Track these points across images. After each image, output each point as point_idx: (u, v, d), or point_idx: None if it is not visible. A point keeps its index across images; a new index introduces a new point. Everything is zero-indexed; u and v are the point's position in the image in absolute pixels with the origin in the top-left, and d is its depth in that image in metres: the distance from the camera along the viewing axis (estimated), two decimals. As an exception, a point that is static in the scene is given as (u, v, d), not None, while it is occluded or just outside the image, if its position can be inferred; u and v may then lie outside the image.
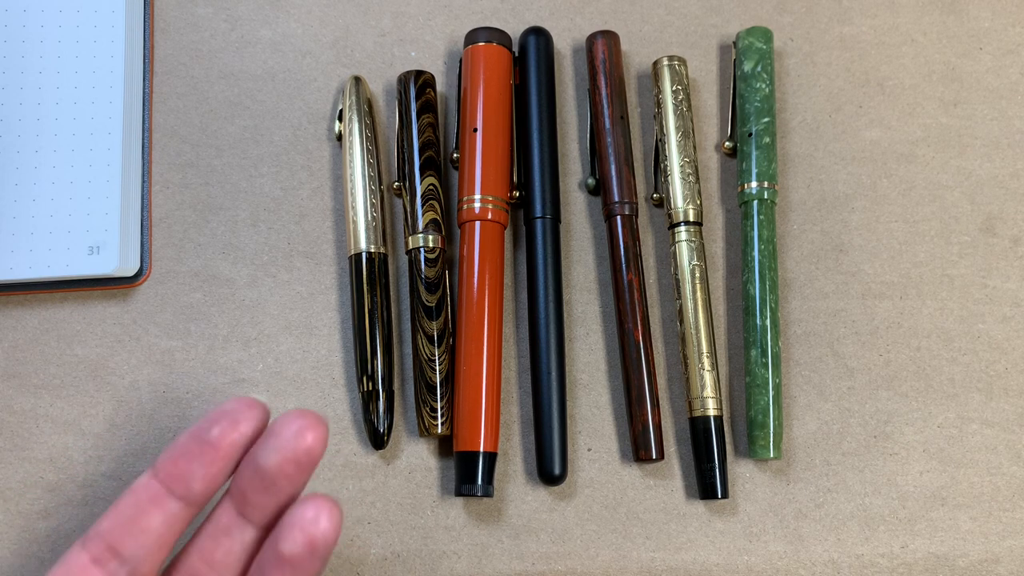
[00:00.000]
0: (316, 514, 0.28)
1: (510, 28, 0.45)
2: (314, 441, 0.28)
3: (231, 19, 0.45)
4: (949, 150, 0.45)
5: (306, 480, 0.29)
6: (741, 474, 0.41)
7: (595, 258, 0.43)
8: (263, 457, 0.28)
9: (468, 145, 0.42)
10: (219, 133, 0.44)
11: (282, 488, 0.29)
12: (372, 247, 0.41)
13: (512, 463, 0.41)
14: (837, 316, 0.43)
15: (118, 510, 0.29)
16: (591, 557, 0.39)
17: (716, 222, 0.44)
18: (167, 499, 0.29)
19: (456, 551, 0.39)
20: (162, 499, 0.29)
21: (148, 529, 0.29)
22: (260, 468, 0.28)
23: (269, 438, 0.29)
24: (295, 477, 0.29)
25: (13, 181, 0.41)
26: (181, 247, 0.42)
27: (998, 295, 0.43)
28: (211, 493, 0.29)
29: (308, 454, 0.28)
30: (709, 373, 0.40)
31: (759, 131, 0.42)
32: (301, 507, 0.28)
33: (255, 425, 0.29)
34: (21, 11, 0.43)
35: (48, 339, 0.41)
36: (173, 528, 0.29)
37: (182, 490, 0.29)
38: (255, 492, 0.29)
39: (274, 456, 0.28)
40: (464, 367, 0.39)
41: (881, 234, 0.44)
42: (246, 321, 0.42)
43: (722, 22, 0.46)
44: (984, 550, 0.40)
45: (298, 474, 0.29)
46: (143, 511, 0.29)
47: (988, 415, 0.42)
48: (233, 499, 0.30)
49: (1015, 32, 0.46)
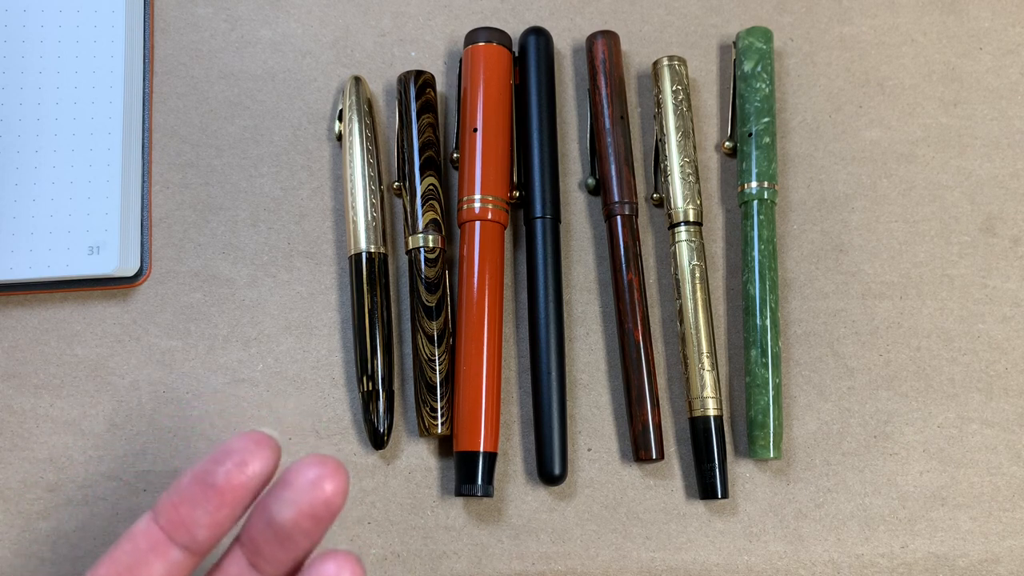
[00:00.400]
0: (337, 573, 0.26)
1: (510, 28, 0.45)
2: (333, 493, 0.26)
3: (231, 19, 0.45)
4: (949, 150, 0.45)
5: (324, 533, 0.27)
6: (741, 474, 0.41)
7: (595, 258, 0.43)
8: (277, 511, 0.26)
9: (468, 145, 0.42)
10: (219, 133, 0.44)
11: (298, 543, 0.27)
12: (372, 247, 0.41)
13: (512, 463, 0.41)
14: (837, 316, 0.43)
15: (115, 557, 0.27)
16: (591, 557, 0.39)
17: (716, 222, 0.44)
18: (169, 547, 0.27)
19: (456, 551, 0.39)
20: (163, 547, 0.27)
21: None
22: (274, 522, 0.26)
23: (283, 489, 0.26)
24: (312, 531, 0.26)
25: (13, 181, 0.41)
26: (181, 247, 0.42)
27: (998, 295, 0.43)
28: (217, 541, 0.27)
29: (327, 507, 0.26)
30: (709, 373, 0.40)
31: (759, 131, 0.42)
32: (321, 565, 0.26)
33: (265, 465, 0.26)
34: (21, 11, 0.43)
35: (48, 339, 0.41)
36: None
37: (185, 538, 0.27)
38: (268, 545, 0.27)
39: (289, 510, 0.26)
40: (464, 367, 0.39)
41: (881, 234, 0.44)
42: (246, 321, 0.42)
43: (722, 22, 0.46)
44: (984, 550, 0.40)
45: (316, 528, 0.26)
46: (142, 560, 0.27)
47: (988, 415, 0.42)
48: (244, 549, 0.27)
49: (1015, 32, 0.46)
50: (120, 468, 0.40)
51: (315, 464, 0.26)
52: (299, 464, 0.26)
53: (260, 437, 0.27)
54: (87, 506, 0.39)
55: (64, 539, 0.39)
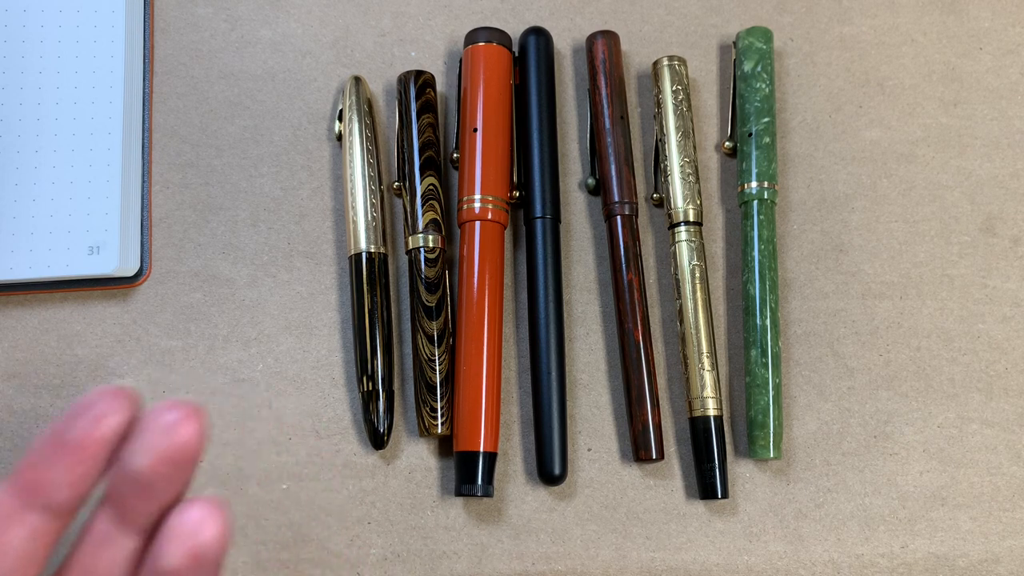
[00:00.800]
0: (199, 522, 0.24)
1: (510, 28, 0.45)
2: (190, 435, 0.25)
3: (231, 19, 0.45)
4: (949, 150, 0.45)
5: (188, 479, 0.26)
6: (741, 474, 0.41)
7: (595, 258, 0.43)
8: (133, 460, 0.25)
9: (468, 145, 0.42)
10: (219, 133, 0.44)
11: (161, 491, 0.25)
12: (372, 247, 0.41)
13: (512, 463, 0.41)
14: (837, 316, 0.43)
15: None
16: (591, 557, 0.39)
17: (716, 222, 0.44)
18: (27, 513, 0.25)
19: (456, 551, 0.39)
20: (21, 513, 0.25)
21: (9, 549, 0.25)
22: (132, 471, 0.25)
23: (139, 437, 0.25)
24: (173, 478, 0.25)
25: (13, 181, 0.41)
26: (181, 247, 0.42)
27: (998, 295, 0.43)
28: (80, 500, 0.26)
29: (184, 451, 0.25)
30: (709, 373, 0.40)
31: (759, 131, 0.42)
32: (181, 514, 0.25)
33: (123, 417, 0.25)
34: (21, 11, 0.43)
35: (48, 339, 0.41)
36: (40, 543, 0.26)
37: (44, 500, 0.25)
38: (131, 497, 0.25)
39: (145, 457, 0.24)
40: (464, 367, 0.39)
41: (881, 234, 0.44)
42: (246, 321, 0.42)
43: (722, 22, 0.46)
44: (984, 550, 0.40)
45: (177, 474, 0.25)
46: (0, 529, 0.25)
47: (988, 415, 0.42)
48: (110, 505, 0.26)
49: (1015, 32, 0.46)
50: (120, 468, 0.40)
51: (170, 408, 0.25)
52: (154, 410, 0.25)
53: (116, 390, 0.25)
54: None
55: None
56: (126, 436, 0.25)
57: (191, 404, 0.25)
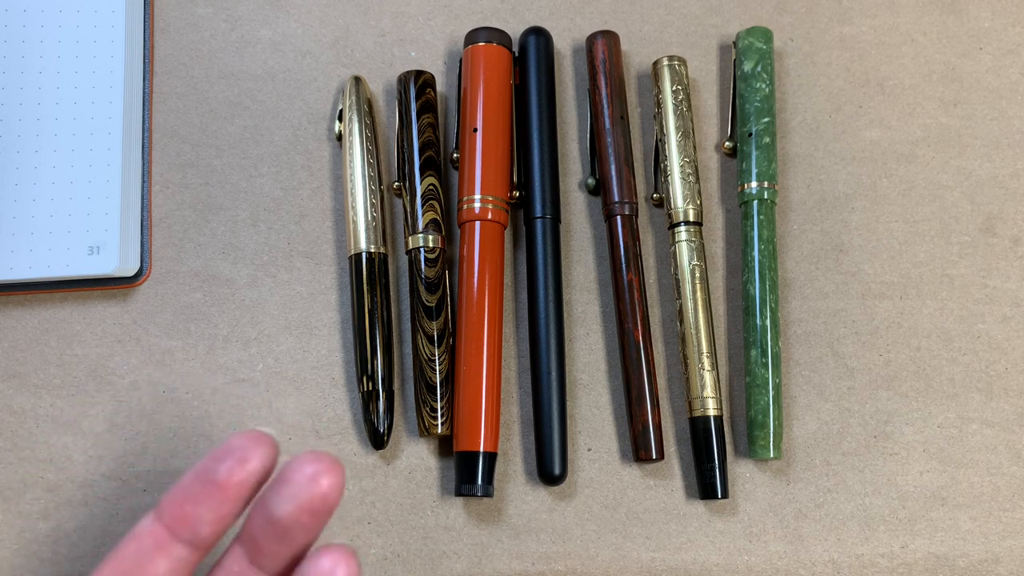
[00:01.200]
0: (333, 567, 0.26)
1: (510, 28, 0.45)
2: (330, 487, 0.26)
3: (231, 19, 0.45)
4: (949, 150, 0.45)
5: (322, 528, 0.28)
6: (741, 474, 0.41)
7: (595, 258, 0.43)
8: (276, 506, 0.27)
9: (468, 145, 0.42)
10: (219, 133, 0.44)
11: (297, 538, 0.27)
12: (372, 247, 0.41)
13: (512, 463, 0.41)
14: (837, 316, 0.43)
15: (120, 556, 0.27)
16: (591, 557, 0.39)
17: (716, 222, 0.44)
18: (173, 544, 0.27)
19: (456, 551, 0.39)
20: (167, 544, 0.27)
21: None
22: (273, 517, 0.27)
23: (282, 485, 0.27)
24: (310, 526, 0.27)
25: (13, 181, 0.41)
26: (181, 247, 0.42)
27: (998, 295, 0.43)
28: (219, 536, 0.28)
29: (324, 501, 0.26)
30: (709, 373, 0.40)
31: (759, 131, 0.42)
32: (317, 559, 0.26)
33: (264, 462, 0.27)
34: (21, 11, 0.43)
35: (48, 339, 0.41)
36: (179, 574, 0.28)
37: (189, 535, 0.27)
38: (268, 541, 0.27)
39: (287, 505, 0.26)
40: (464, 367, 0.39)
41: (881, 234, 0.44)
42: (246, 321, 0.42)
43: (722, 22, 0.46)
44: (984, 550, 0.40)
45: (313, 523, 0.27)
46: (148, 558, 0.27)
47: (988, 415, 0.42)
48: (244, 546, 0.28)
49: (1015, 32, 0.46)
50: (120, 468, 0.40)
51: (312, 460, 0.27)
52: (297, 460, 0.27)
53: (258, 435, 0.27)
54: (87, 506, 0.39)
55: (64, 539, 0.39)
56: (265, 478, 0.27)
57: (331, 457, 0.27)
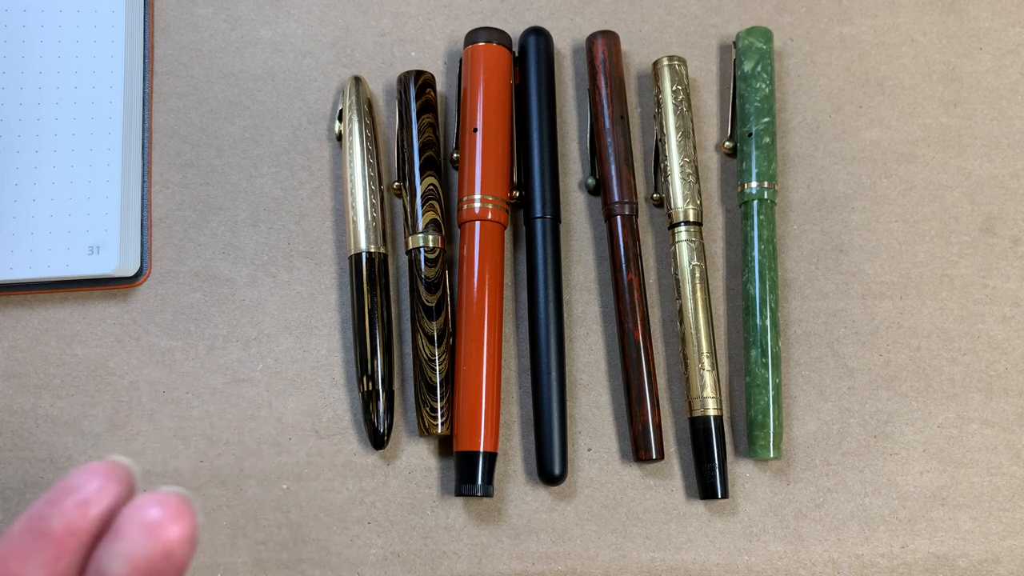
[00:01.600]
0: None
1: (510, 28, 0.45)
2: (175, 538, 0.21)
3: (231, 19, 0.45)
4: (949, 150, 0.45)
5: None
6: (741, 474, 0.41)
7: (595, 258, 0.43)
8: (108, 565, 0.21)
9: (468, 145, 0.42)
10: (219, 133, 0.44)
11: None
12: (372, 247, 0.41)
13: (512, 463, 0.41)
14: (837, 316, 0.43)
15: None
16: (591, 557, 0.39)
17: (716, 222, 0.44)
18: None
19: (456, 551, 0.39)
20: None
21: None
22: None
23: (114, 540, 0.21)
24: None
25: (13, 181, 0.41)
26: (181, 247, 0.42)
27: (998, 295, 0.43)
28: None
29: (168, 557, 0.21)
30: (709, 373, 0.40)
31: (759, 131, 0.42)
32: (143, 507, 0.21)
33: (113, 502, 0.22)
34: (21, 11, 0.43)
35: (48, 339, 0.41)
36: None
37: None
38: None
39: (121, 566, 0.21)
40: (464, 367, 0.39)
41: (881, 234, 0.44)
42: (246, 321, 0.42)
43: (722, 22, 0.46)
44: (984, 550, 0.40)
45: None
46: None
47: (988, 415, 0.42)
48: None
49: (1015, 32, 0.46)
50: (120, 468, 0.40)
51: (152, 505, 0.21)
52: (134, 505, 0.21)
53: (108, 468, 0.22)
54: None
55: None
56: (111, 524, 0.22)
57: (178, 497, 0.21)
